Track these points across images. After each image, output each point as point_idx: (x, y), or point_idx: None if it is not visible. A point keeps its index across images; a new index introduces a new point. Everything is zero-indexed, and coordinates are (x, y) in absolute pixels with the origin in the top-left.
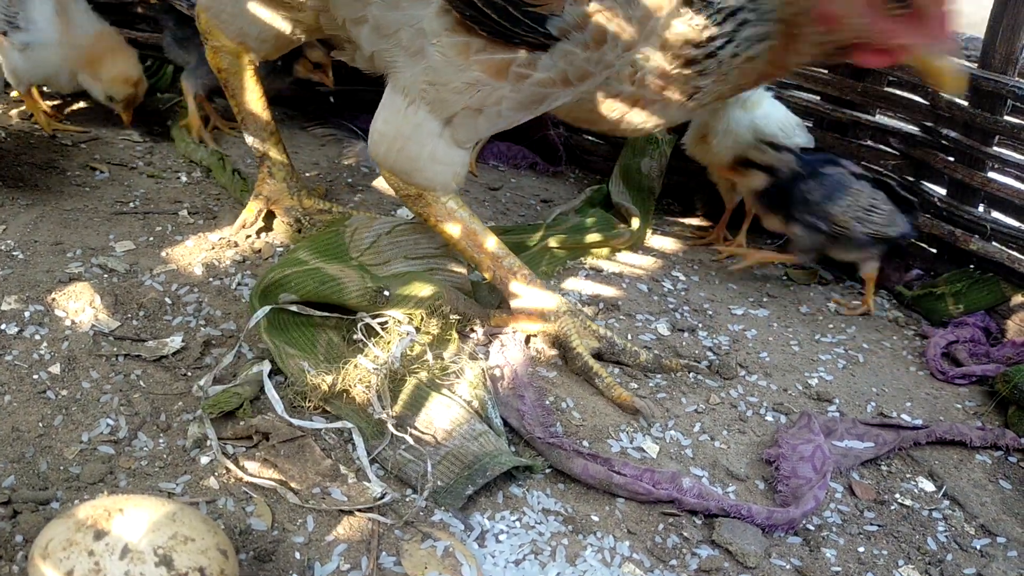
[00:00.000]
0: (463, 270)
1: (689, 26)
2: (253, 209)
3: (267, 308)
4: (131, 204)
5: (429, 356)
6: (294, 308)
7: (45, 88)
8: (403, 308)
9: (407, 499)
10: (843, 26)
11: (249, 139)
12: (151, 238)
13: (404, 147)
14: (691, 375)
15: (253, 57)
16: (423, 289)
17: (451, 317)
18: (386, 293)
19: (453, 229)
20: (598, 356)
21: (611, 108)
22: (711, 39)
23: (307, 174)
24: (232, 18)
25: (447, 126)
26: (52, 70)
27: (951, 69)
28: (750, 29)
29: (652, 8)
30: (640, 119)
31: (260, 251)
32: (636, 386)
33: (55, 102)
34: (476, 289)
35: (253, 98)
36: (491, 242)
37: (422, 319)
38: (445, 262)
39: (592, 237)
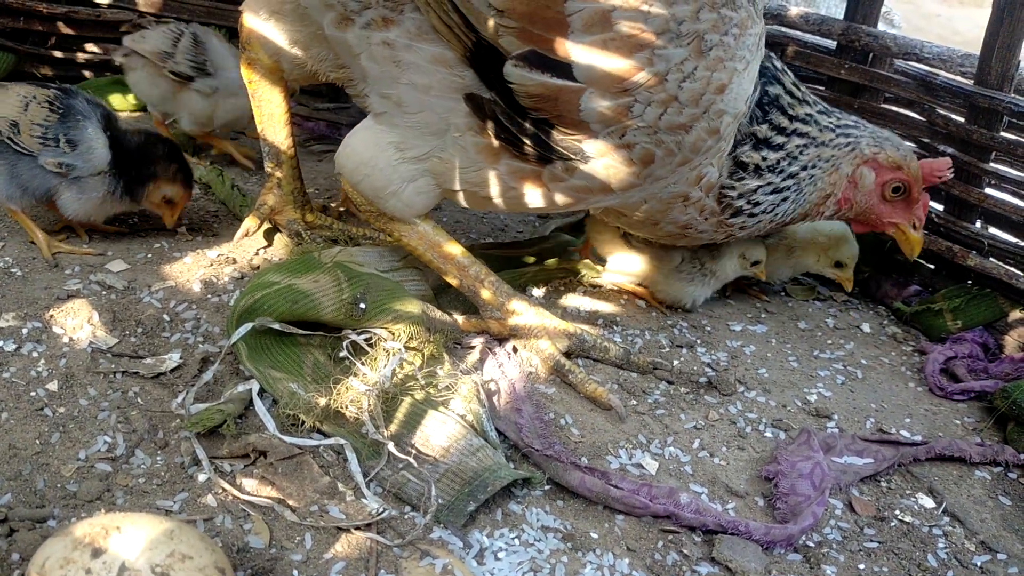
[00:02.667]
0: (424, 281)
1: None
2: (256, 218)
3: (246, 327)
4: (130, 221)
5: (419, 374)
6: (277, 326)
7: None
8: (382, 322)
9: (406, 516)
10: (854, 206)
11: (265, 149)
12: (149, 255)
13: (371, 175)
14: (687, 391)
15: (285, 76)
16: (401, 303)
17: (436, 334)
18: (362, 306)
19: (417, 243)
20: (568, 353)
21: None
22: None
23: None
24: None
25: (427, 178)
26: (239, 113)
27: (921, 241)
28: (789, 205)
29: (695, 143)
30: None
31: (258, 268)
32: (635, 402)
33: None
34: (438, 295)
35: (278, 112)
36: (456, 252)
37: (411, 336)
38: (406, 275)
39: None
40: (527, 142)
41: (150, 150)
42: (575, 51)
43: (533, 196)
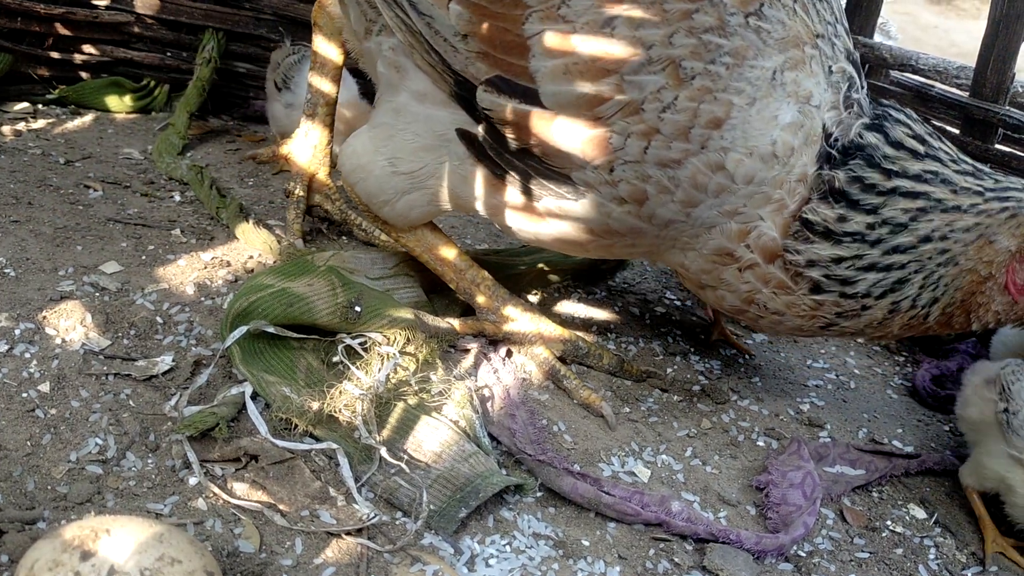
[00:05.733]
0: (418, 287)
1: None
2: (271, 150)
3: (241, 329)
4: (124, 223)
5: (412, 379)
6: (271, 330)
7: None
8: (377, 326)
9: (397, 522)
10: None
11: (309, 95)
12: (143, 257)
13: (366, 179)
14: (680, 399)
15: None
16: (395, 308)
17: (431, 339)
18: (357, 309)
19: (414, 245)
20: (563, 359)
21: (717, 272)
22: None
23: None
24: None
25: (420, 194)
26: None
27: None
28: (915, 289)
29: (693, 177)
30: (740, 297)
31: (252, 271)
32: (628, 410)
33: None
34: (432, 301)
35: (331, 64)
36: (453, 255)
37: (407, 340)
38: (399, 282)
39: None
40: (517, 176)
41: None
42: (539, 76)
43: (540, 231)
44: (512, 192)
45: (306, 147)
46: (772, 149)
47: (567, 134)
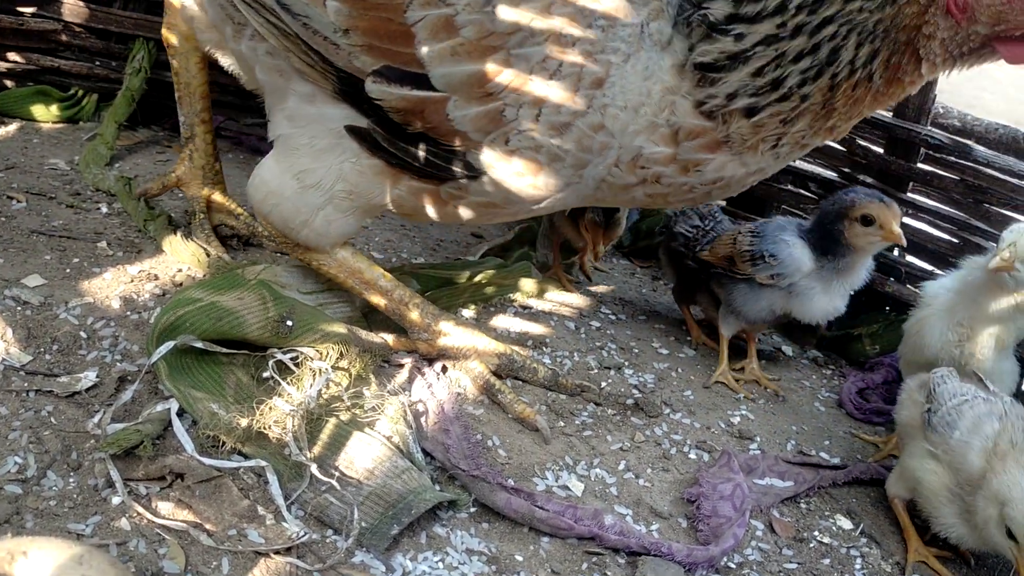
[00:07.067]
0: (351, 302)
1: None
2: (160, 183)
3: (168, 344)
4: (48, 236)
5: (345, 395)
6: (199, 344)
7: None
8: (309, 341)
9: (327, 540)
10: (983, 9)
11: (181, 119)
12: (68, 270)
13: (279, 204)
14: (614, 412)
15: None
16: (327, 323)
17: (364, 354)
18: (289, 323)
19: (337, 271)
20: (497, 374)
21: (631, 196)
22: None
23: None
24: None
25: (335, 205)
26: None
27: None
28: (849, 43)
29: (579, 141)
30: (681, 193)
31: (181, 284)
32: (563, 424)
33: None
34: (367, 315)
35: (195, 83)
36: (377, 276)
37: (340, 355)
38: (332, 296)
39: (515, 277)
40: (417, 164)
41: None
42: (427, 60)
43: (441, 214)
44: (412, 180)
45: (194, 170)
46: (642, 100)
47: (461, 113)
